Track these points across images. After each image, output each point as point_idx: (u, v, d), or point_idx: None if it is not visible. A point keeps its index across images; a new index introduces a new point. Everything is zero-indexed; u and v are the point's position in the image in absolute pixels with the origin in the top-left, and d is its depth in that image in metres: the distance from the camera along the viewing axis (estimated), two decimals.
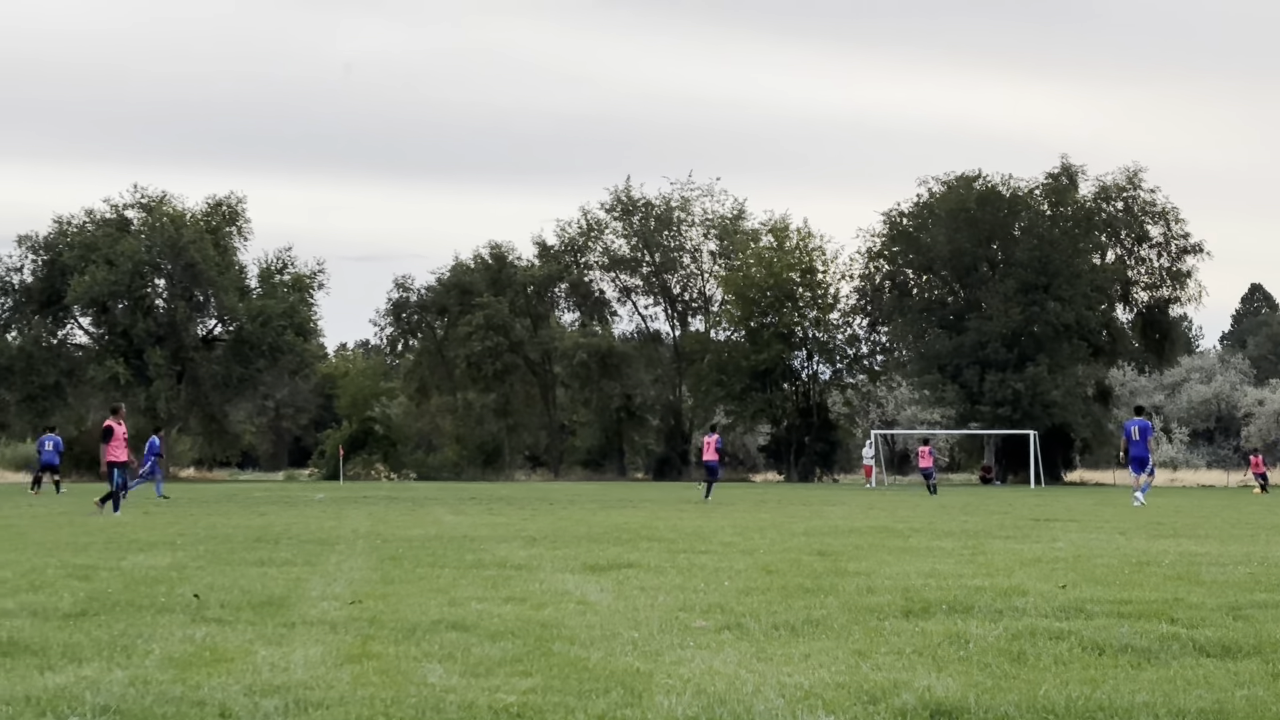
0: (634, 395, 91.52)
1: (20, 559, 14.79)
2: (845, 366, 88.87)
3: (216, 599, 10.40)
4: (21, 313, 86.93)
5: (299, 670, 6.91)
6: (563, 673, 6.91)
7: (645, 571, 13.27)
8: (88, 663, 7.16)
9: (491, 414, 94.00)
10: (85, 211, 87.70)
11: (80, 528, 22.31)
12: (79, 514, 28.18)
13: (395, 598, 10.64)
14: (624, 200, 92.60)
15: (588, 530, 21.51)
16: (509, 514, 29.02)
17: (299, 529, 21.82)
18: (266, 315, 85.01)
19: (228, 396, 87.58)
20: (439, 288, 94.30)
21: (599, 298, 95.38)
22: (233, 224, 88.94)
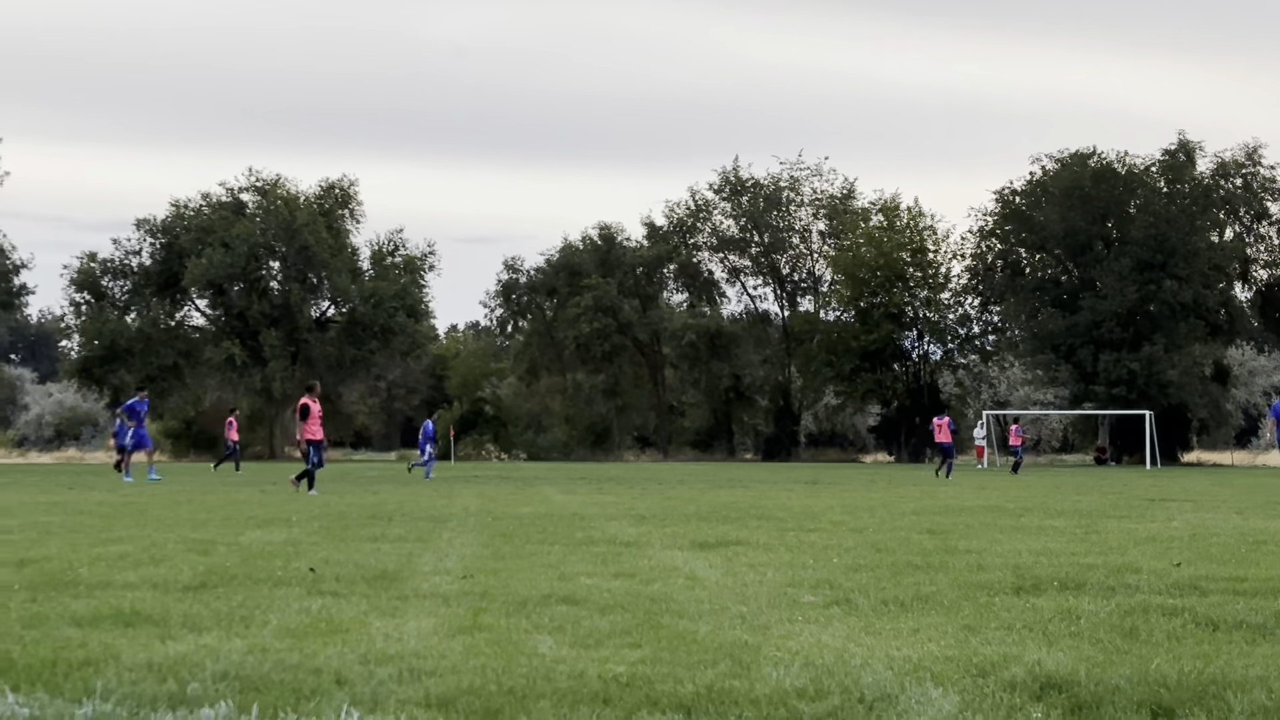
0: (743, 376, 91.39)
1: (141, 534, 15.09)
2: (956, 346, 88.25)
3: (331, 573, 10.56)
4: (140, 295, 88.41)
5: (412, 640, 7.02)
6: (671, 645, 6.96)
7: (754, 549, 13.29)
8: (207, 632, 7.31)
9: (600, 395, 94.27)
10: (201, 195, 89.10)
11: (199, 505, 22.70)
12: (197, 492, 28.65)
13: (506, 573, 10.75)
14: (732, 181, 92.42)
15: (696, 509, 21.56)
16: (618, 493, 29.15)
17: (411, 507, 22.06)
18: (379, 297, 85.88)
19: (341, 377, 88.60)
20: (548, 269, 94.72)
21: (708, 278, 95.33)
22: (345, 206, 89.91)
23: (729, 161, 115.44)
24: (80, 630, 7.36)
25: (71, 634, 7.20)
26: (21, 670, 6.01)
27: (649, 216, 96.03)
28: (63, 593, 9.23)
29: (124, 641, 6.92)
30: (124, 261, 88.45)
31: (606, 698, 5.49)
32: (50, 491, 29.51)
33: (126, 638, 7.09)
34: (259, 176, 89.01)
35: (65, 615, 7.96)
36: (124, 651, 6.52)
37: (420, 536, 14.94)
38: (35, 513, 20.06)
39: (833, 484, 36.64)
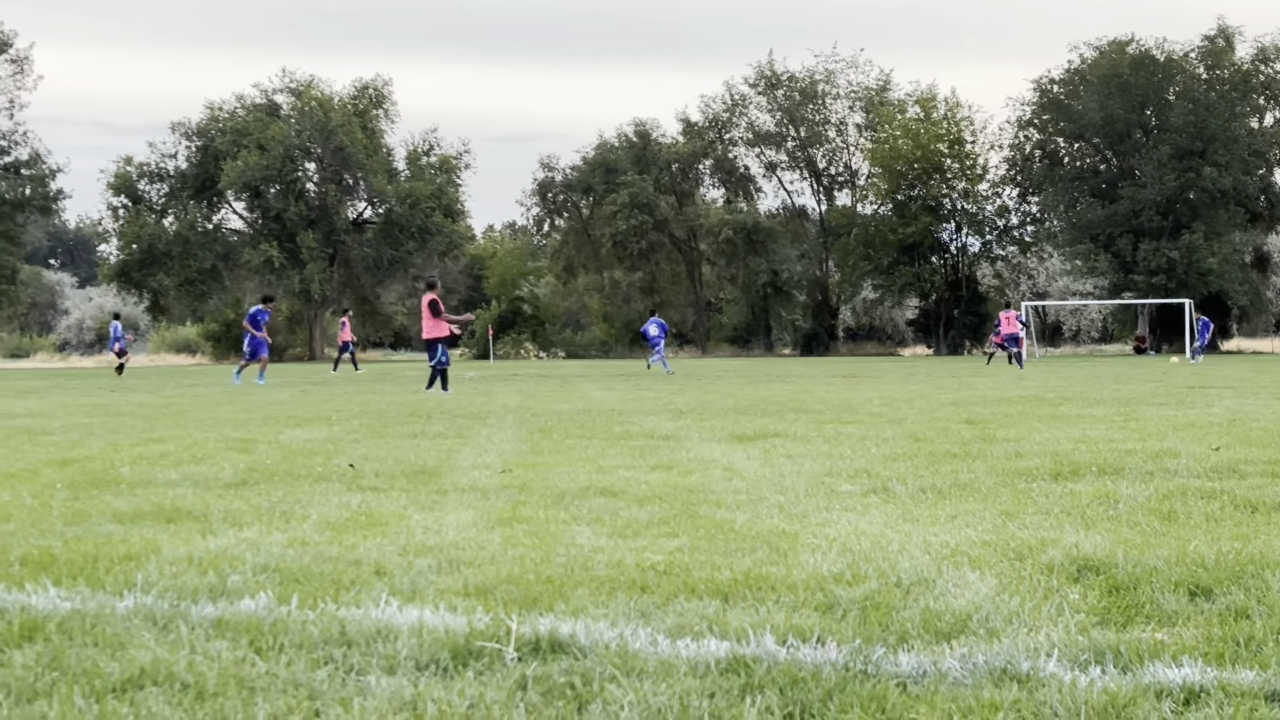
0: (780, 271, 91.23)
1: (183, 434, 15.19)
2: (995, 238, 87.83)
3: (371, 469, 10.62)
4: (177, 199, 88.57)
5: (451, 533, 7.05)
6: (709, 534, 6.98)
7: (792, 441, 13.30)
8: (247, 527, 7.37)
9: (638, 292, 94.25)
10: (236, 97, 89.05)
11: (240, 405, 22.83)
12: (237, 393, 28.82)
13: (544, 466, 10.79)
14: (768, 75, 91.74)
15: (734, 403, 21.58)
16: (656, 389, 29.18)
17: (451, 405, 22.14)
18: (415, 197, 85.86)
19: (379, 278, 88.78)
20: (584, 167, 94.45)
21: (744, 174, 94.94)
22: (379, 107, 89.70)
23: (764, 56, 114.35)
24: (121, 526, 7.42)
25: (113, 530, 7.26)
26: (63, 565, 6.07)
27: (684, 113, 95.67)
28: (104, 491, 9.30)
29: (165, 537, 6.98)
30: (161, 165, 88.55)
31: (644, 585, 5.51)
32: (91, 394, 29.72)
33: (167, 533, 7.15)
34: (293, 78, 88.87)
35: (107, 512, 8.03)
36: (165, 546, 6.58)
37: (459, 433, 15.00)
38: (77, 414, 20.21)
39: (871, 377, 36.60)
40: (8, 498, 8.92)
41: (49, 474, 10.55)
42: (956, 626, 4.79)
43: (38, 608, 5.08)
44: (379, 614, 4.94)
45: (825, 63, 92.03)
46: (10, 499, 8.85)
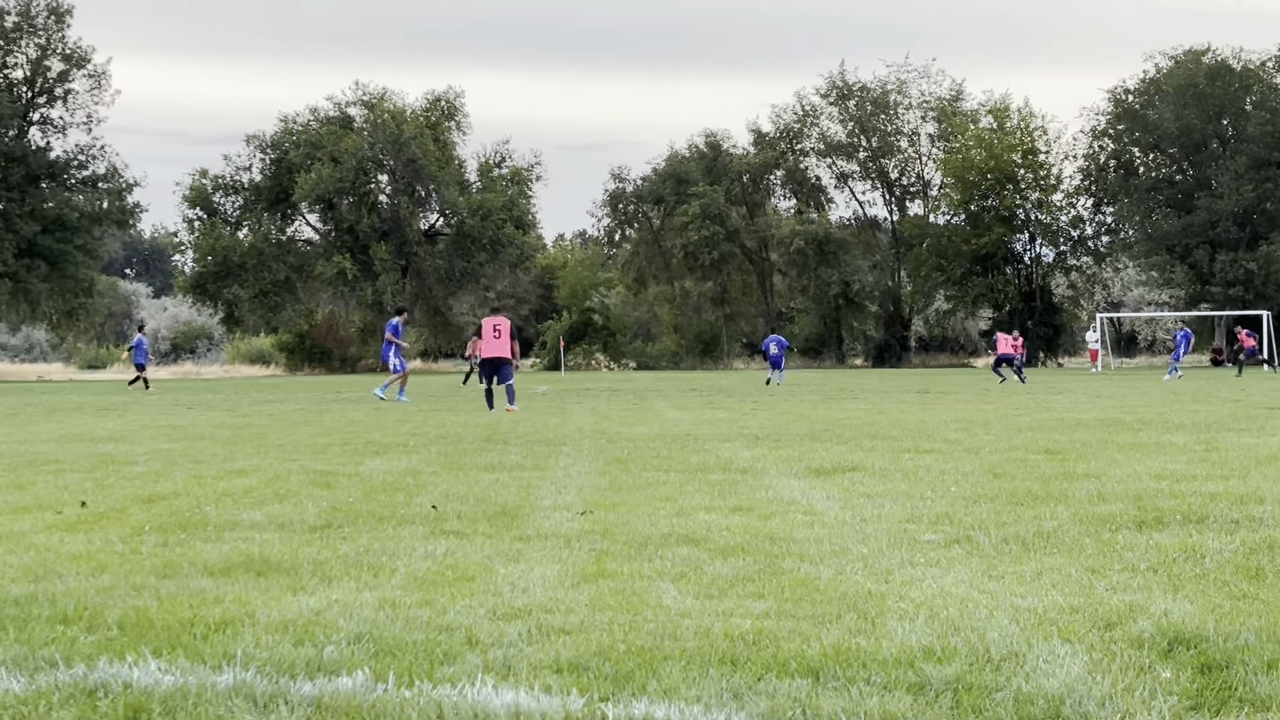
0: (851, 282, 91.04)
1: (264, 464, 15.34)
2: (1069, 248, 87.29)
3: (453, 510, 10.69)
4: (251, 211, 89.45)
5: (538, 591, 7.10)
6: (794, 594, 6.99)
7: (870, 475, 13.29)
8: (337, 582, 7.44)
9: (709, 302, 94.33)
10: (310, 110, 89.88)
11: (318, 427, 23.02)
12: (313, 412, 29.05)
13: (624, 507, 10.83)
14: (839, 85, 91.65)
15: (809, 427, 21.55)
16: (729, 407, 29.19)
17: (525, 427, 22.23)
18: (486, 209, 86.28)
19: (450, 289, 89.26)
20: (655, 178, 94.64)
21: (815, 184, 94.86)
22: (451, 119, 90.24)
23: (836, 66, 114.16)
24: (213, 581, 7.52)
25: (205, 586, 7.36)
26: (160, 630, 6.16)
27: (756, 123, 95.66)
28: (192, 535, 9.42)
29: (257, 595, 7.06)
30: (235, 178, 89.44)
31: (734, 659, 5.54)
32: (170, 412, 30.05)
33: (259, 589, 7.23)
34: (366, 90, 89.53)
35: (198, 563, 8.13)
36: (259, 608, 6.66)
37: (537, 463, 15.07)
38: (158, 438, 20.44)
39: (945, 393, 36.46)
40: (100, 543, 9.06)
41: (137, 514, 10.69)
42: (1050, 712, 4.80)
43: (140, 684, 5.17)
44: (475, 694, 4.99)
45: (897, 72, 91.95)
46: (102, 545, 8.99)
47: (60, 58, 79.01)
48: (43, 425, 24.92)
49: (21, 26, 77.82)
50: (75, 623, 6.42)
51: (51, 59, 78.94)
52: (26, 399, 41.03)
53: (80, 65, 79.30)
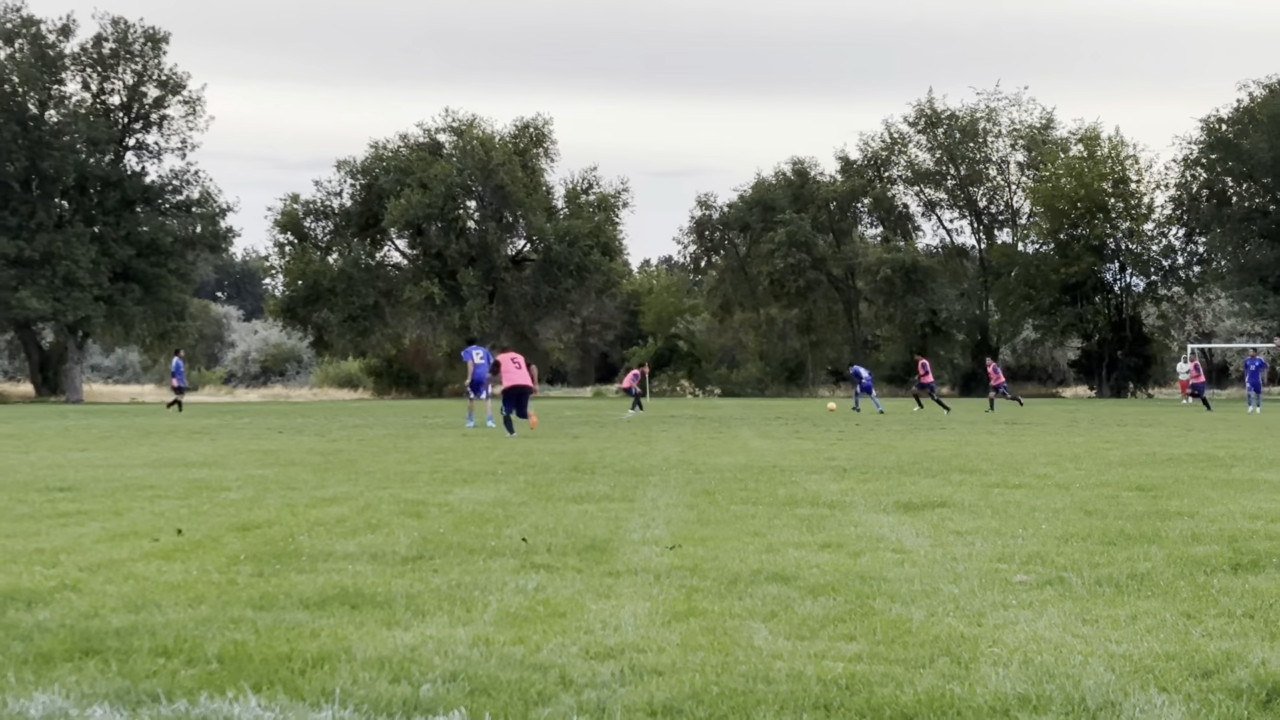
0: (939, 310, 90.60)
1: (355, 492, 15.48)
2: (1160, 278, 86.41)
3: (543, 542, 10.75)
4: (341, 236, 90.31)
5: (629, 630, 7.13)
6: (886, 636, 6.98)
7: (959, 511, 13.22)
8: (430, 617, 7.51)
9: (794, 330, 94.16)
10: (400, 136, 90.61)
11: (406, 454, 23.18)
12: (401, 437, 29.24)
13: (713, 542, 10.84)
14: (927, 113, 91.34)
15: (896, 459, 21.46)
16: (815, 437, 29.12)
17: (612, 456, 22.28)
18: (573, 235, 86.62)
19: (537, 315, 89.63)
20: (741, 204, 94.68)
21: (902, 212, 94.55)
22: (539, 145, 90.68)
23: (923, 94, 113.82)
24: (309, 614, 7.61)
25: (301, 619, 7.45)
26: (259, 665, 6.25)
27: (843, 150, 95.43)
28: (287, 566, 9.53)
29: (352, 629, 7.14)
30: (325, 203, 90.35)
31: (828, 705, 5.54)
32: (261, 436, 30.37)
33: (354, 623, 7.32)
34: (455, 117, 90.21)
35: (293, 595, 8.23)
36: (354, 643, 6.73)
37: (624, 494, 15.12)
38: (250, 464, 20.66)
39: (1033, 424, 36.19)
40: (196, 573, 9.19)
41: (232, 542, 10.83)
42: None
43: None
44: None
45: (987, 100, 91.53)
46: (199, 574, 9.12)
47: (156, 84, 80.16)
48: (137, 449, 25.26)
49: (119, 53, 79.04)
50: (175, 655, 6.53)
51: (148, 85, 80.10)
52: (120, 421, 41.59)
53: (175, 91, 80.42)
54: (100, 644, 6.89)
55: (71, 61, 78.51)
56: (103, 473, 18.73)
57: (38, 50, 76.60)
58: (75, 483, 16.88)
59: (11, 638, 7.09)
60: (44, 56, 76.84)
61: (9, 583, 8.86)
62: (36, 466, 20.21)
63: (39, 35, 77.00)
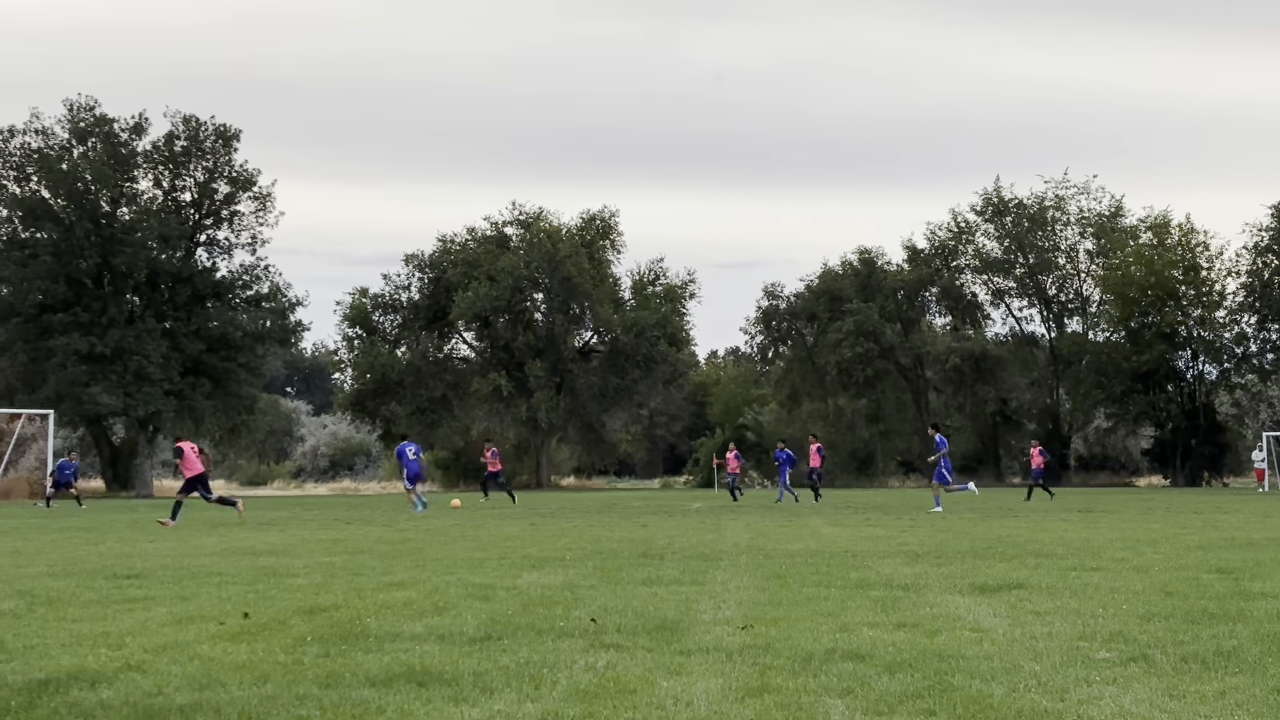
0: (1009, 399, 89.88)
1: (421, 577, 15.36)
2: (1233, 366, 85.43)
3: (612, 623, 10.59)
4: (410, 329, 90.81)
5: (701, 705, 6.96)
6: (967, 711, 6.78)
7: (1037, 593, 12.96)
8: (498, 694, 7.36)
9: (863, 420, 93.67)
10: (467, 230, 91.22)
11: (474, 542, 23.06)
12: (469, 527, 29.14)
13: (786, 622, 10.65)
14: (994, 201, 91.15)
15: (971, 544, 21.15)
16: (886, 525, 28.80)
17: (681, 543, 22.08)
18: (640, 326, 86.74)
19: (604, 406, 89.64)
20: (808, 294, 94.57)
21: (971, 301, 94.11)
22: (606, 237, 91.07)
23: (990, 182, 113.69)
24: (375, 691, 7.48)
25: (368, 696, 7.32)
26: None
27: (910, 239, 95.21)
28: (353, 646, 9.41)
29: (419, 705, 7.01)
30: (394, 296, 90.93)
31: None
32: (329, 527, 30.33)
33: (421, 700, 7.18)
34: (522, 210, 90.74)
35: (359, 674, 8.10)
36: (421, 718, 6.59)
37: (694, 578, 14.92)
38: (318, 552, 20.60)
39: (1108, 512, 35.67)
40: (262, 654, 9.08)
41: (298, 625, 10.72)
42: None
43: None
44: None
45: (1055, 189, 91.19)
46: (264, 655, 9.01)
47: (227, 180, 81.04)
48: (205, 539, 25.27)
49: (190, 150, 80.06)
50: None
51: (219, 182, 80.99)
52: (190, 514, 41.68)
53: (246, 187, 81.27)
54: None
55: (143, 159, 79.56)
56: (170, 561, 18.70)
57: (110, 148, 77.71)
58: (143, 570, 16.85)
59: (75, 715, 7.00)
60: (117, 154, 77.94)
61: (74, 663, 8.78)
62: (105, 556, 20.22)
63: (112, 134, 78.14)
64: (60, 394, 74.14)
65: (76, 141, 78.07)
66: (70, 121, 77.95)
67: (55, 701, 7.38)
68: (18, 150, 77.34)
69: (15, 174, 77.37)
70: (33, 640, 9.97)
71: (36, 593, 13.70)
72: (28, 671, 8.41)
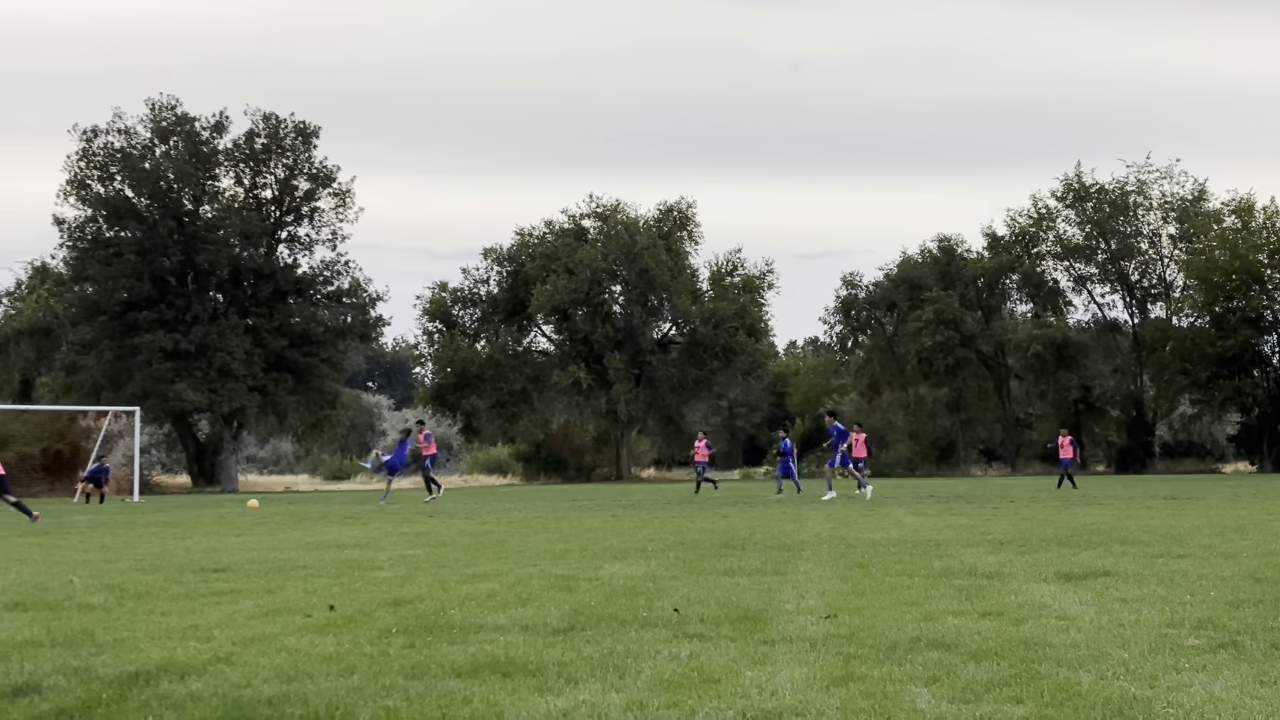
0: (1092, 386, 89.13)
1: (504, 569, 15.42)
2: None
3: (695, 613, 10.59)
4: (489, 322, 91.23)
5: (787, 694, 6.95)
6: (1055, 699, 6.73)
7: (1123, 580, 12.84)
8: (583, 684, 7.38)
9: (944, 408, 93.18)
10: (545, 223, 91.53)
11: (555, 533, 23.13)
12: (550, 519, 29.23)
13: (869, 611, 10.61)
14: (1075, 187, 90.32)
15: (1055, 532, 20.98)
16: (969, 513, 28.62)
17: (762, 533, 22.05)
18: (719, 317, 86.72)
19: (683, 398, 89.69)
20: (887, 283, 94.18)
21: (1052, 287, 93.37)
22: (684, 229, 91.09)
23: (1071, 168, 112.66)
24: (460, 681, 7.52)
25: (453, 686, 7.36)
26: None
27: (989, 226, 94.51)
28: (438, 638, 9.46)
29: (505, 696, 7.04)
30: (473, 290, 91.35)
31: None
32: (412, 520, 30.50)
33: (506, 690, 7.21)
34: (599, 202, 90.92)
35: (445, 664, 8.15)
36: (507, 709, 6.62)
37: (776, 568, 14.89)
38: (401, 545, 20.71)
39: (1193, 499, 35.29)
40: (348, 645, 9.15)
41: (383, 617, 10.80)
42: None
43: None
44: None
45: (1137, 173, 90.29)
46: (350, 647, 9.08)
47: (307, 177, 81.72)
48: (290, 533, 25.48)
49: (270, 148, 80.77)
50: None
51: (299, 179, 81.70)
52: (275, 509, 42.10)
53: (326, 184, 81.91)
54: (252, 712, 6.85)
55: (225, 157, 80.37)
56: (257, 555, 18.87)
57: (192, 147, 78.53)
58: (230, 564, 17.01)
59: (165, 707, 7.08)
60: (198, 153, 78.75)
61: (163, 656, 8.88)
62: (192, 550, 20.44)
63: (194, 133, 78.96)
64: (146, 391, 75.06)
65: (159, 140, 78.94)
66: (152, 121, 78.86)
67: (146, 694, 7.46)
68: (101, 150, 78.32)
69: (99, 173, 78.36)
70: (123, 634, 10.09)
71: (126, 587, 13.86)
72: (118, 664, 8.52)
